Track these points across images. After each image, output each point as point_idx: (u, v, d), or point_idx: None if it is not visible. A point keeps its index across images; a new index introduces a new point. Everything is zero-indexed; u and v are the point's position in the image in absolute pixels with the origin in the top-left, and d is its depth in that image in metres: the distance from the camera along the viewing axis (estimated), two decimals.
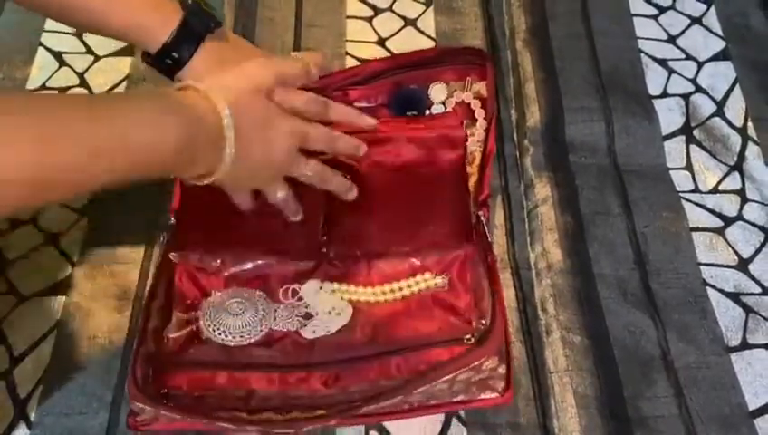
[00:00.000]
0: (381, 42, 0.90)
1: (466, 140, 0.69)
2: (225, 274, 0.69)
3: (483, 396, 0.63)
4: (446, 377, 0.58)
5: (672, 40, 0.93)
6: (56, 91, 0.82)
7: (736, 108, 0.87)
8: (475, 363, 0.59)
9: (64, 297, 0.69)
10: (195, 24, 0.56)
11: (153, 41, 0.55)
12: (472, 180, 0.72)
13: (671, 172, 0.81)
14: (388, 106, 0.72)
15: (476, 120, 0.72)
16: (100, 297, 0.69)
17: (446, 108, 0.72)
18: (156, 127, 0.48)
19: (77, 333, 0.67)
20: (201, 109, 0.51)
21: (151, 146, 0.47)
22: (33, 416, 0.63)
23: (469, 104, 0.72)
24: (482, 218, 0.71)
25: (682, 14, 0.95)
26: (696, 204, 0.79)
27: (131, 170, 0.47)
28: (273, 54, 0.62)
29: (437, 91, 0.72)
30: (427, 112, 0.72)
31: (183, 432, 0.62)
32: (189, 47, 0.55)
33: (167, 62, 0.56)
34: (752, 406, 0.67)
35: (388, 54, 0.87)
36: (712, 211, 0.79)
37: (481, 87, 0.72)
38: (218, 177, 0.53)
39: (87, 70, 0.85)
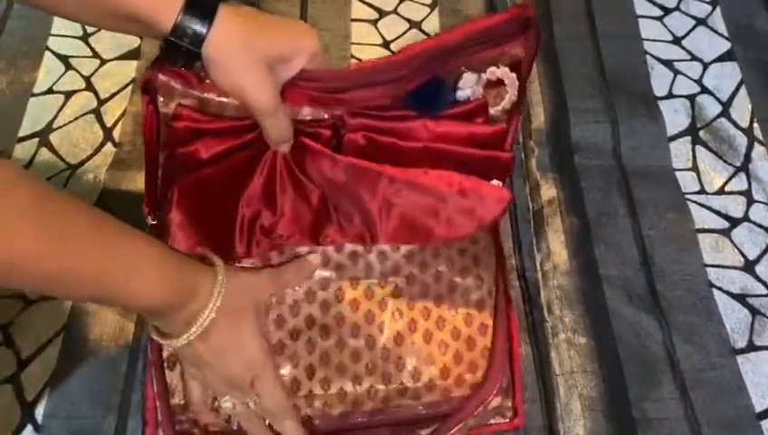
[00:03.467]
0: (386, 44, 0.90)
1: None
2: None
3: (493, 421, 0.64)
4: (458, 427, 0.60)
5: (677, 41, 0.93)
6: (62, 95, 0.83)
7: (742, 109, 0.87)
8: (480, 409, 0.60)
9: (69, 301, 0.70)
10: None
11: (165, 16, 0.49)
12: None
13: (677, 173, 0.81)
14: (405, 100, 0.62)
15: (506, 90, 0.64)
16: None
17: (473, 94, 0.63)
18: (144, 280, 0.49)
19: (84, 336, 0.68)
20: (196, 288, 0.52)
21: (131, 295, 0.49)
22: (40, 419, 0.64)
23: (502, 80, 0.64)
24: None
25: (687, 15, 0.95)
26: (702, 205, 0.79)
27: (101, 297, 0.49)
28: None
29: (467, 81, 0.63)
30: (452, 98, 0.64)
31: None
32: (205, 18, 0.49)
33: (184, 42, 0.49)
34: (758, 408, 0.67)
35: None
36: (718, 212, 0.79)
37: (518, 51, 0.63)
38: (172, 344, 0.54)
39: (93, 73, 0.86)
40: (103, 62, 0.87)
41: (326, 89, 0.59)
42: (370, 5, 0.94)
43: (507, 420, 0.64)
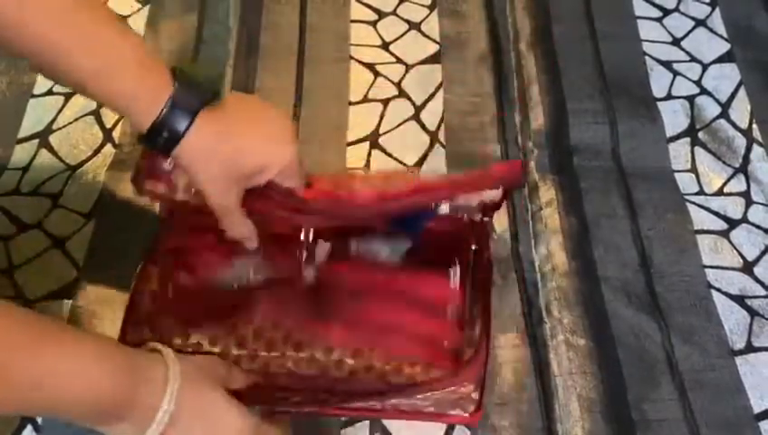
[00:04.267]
0: (386, 45, 0.90)
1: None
2: None
3: (452, 412, 0.63)
4: (424, 394, 0.59)
5: (676, 42, 0.93)
6: (62, 97, 0.83)
7: (741, 110, 0.87)
8: (453, 387, 0.60)
9: (70, 301, 0.70)
10: (188, 97, 0.50)
11: (145, 113, 0.49)
12: None
13: (676, 174, 0.81)
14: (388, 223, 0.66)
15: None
16: (106, 301, 0.70)
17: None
18: (86, 378, 0.46)
19: None
20: (148, 376, 0.49)
21: (77, 400, 0.46)
22: (40, 420, 0.64)
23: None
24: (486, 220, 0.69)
25: (686, 16, 0.95)
26: (701, 206, 0.79)
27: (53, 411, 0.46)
28: (278, 108, 0.59)
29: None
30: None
31: None
32: (183, 122, 0.49)
33: (161, 138, 0.50)
34: (757, 409, 0.67)
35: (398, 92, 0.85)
36: (717, 213, 0.79)
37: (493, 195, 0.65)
38: None
39: None
40: None
41: (299, 209, 0.61)
42: (370, 7, 0.94)
43: (467, 414, 0.63)
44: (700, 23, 0.95)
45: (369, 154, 0.81)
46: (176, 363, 0.51)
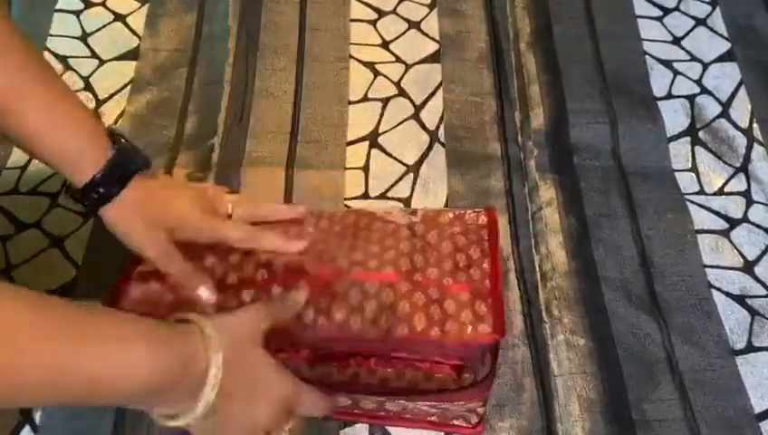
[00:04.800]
0: (386, 44, 0.90)
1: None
2: None
3: (455, 423, 0.63)
4: (430, 403, 0.58)
5: (677, 41, 0.92)
6: None
7: (742, 109, 0.86)
8: (461, 402, 0.59)
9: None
10: (125, 163, 0.55)
11: (81, 173, 0.53)
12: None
13: (676, 174, 0.81)
14: None
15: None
16: None
17: None
18: (131, 364, 0.45)
19: None
20: (190, 353, 0.48)
21: (119, 382, 0.45)
22: (38, 419, 0.64)
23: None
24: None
25: (687, 15, 0.95)
26: (702, 206, 0.79)
27: (93, 398, 0.45)
28: (198, 189, 0.63)
29: None
30: None
31: None
32: (118, 184, 0.54)
33: (93, 196, 0.54)
34: (757, 409, 0.67)
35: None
36: (717, 213, 0.79)
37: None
38: (187, 422, 0.49)
39: (92, 74, 0.86)
40: (102, 62, 0.87)
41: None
42: (369, 5, 0.94)
43: (470, 425, 0.63)
44: (700, 22, 0.95)
45: (369, 153, 0.81)
46: (214, 333, 0.50)
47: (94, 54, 0.87)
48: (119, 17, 0.91)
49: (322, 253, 0.62)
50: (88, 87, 0.84)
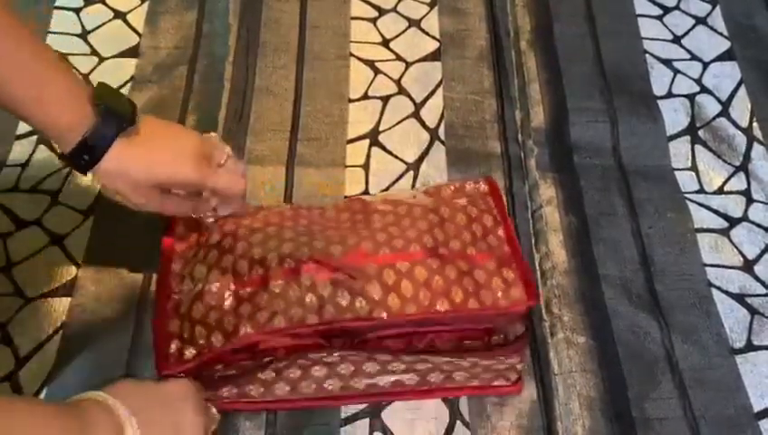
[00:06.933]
0: (386, 43, 0.90)
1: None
2: None
3: (496, 383, 0.65)
4: (473, 359, 0.61)
5: (677, 40, 0.93)
6: None
7: (741, 108, 0.87)
8: (502, 357, 0.62)
9: (69, 298, 0.69)
10: (108, 125, 0.57)
11: (67, 140, 0.56)
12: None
13: (676, 173, 0.81)
14: None
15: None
16: (105, 298, 0.70)
17: None
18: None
19: (82, 334, 0.68)
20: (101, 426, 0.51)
21: None
22: None
23: None
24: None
25: (687, 14, 0.95)
26: (701, 205, 0.79)
27: None
28: (191, 136, 0.64)
29: None
30: None
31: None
32: (102, 147, 0.57)
33: (82, 160, 0.57)
34: (757, 408, 0.67)
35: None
36: (717, 212, 0.79)
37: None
38: None
39: (92, 71, 0.85)
40: (102, 59, 0.87)
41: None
42: (370, 4, 0.94)
43: (510, 382, 0.65)
44: (701, 21, 0.95)
45: (369, 151, 0.81)
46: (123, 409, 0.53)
47: (94, 52, 0.87)
48: (119, 14, 0.91)
49: (343, 239, 0.65)
50: (88, 85, 0.84)
